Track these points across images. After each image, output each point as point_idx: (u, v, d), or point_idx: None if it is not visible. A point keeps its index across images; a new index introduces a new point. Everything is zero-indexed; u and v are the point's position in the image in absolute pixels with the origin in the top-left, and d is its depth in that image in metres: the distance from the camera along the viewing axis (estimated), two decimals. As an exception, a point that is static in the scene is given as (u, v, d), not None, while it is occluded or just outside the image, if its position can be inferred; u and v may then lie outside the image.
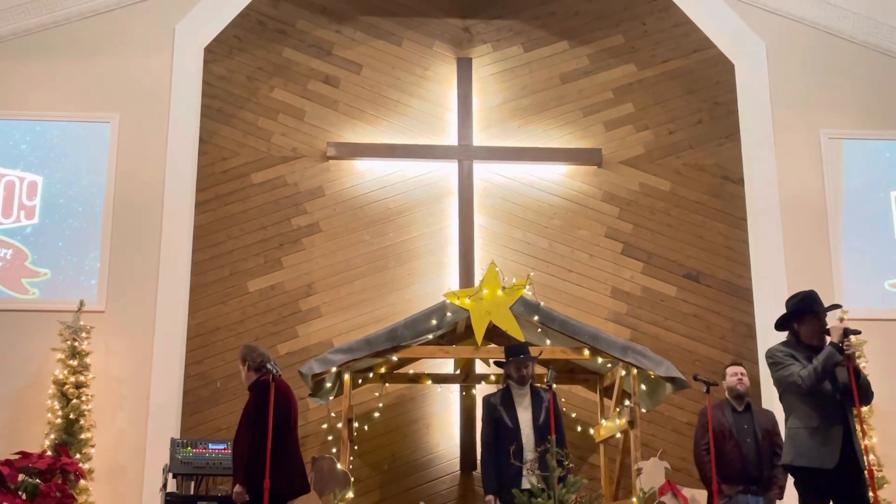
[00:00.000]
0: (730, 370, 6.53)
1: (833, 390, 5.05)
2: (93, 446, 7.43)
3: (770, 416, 6.58)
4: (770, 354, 5.25)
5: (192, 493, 6.65)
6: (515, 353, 6.44)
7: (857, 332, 5.11)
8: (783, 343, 5.29)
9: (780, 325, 5.35)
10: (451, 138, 8.63)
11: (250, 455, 5.46)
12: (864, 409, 7.02)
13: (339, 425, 7.17)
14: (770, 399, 7.64)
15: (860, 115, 8.70)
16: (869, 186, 8.59)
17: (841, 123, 8.68)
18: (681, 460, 7.64)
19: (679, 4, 8.97)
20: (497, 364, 6.74)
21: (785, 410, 5.23)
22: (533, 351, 6.57)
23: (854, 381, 4.99)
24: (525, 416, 6.26)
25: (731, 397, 6.47)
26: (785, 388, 5.16)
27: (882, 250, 8.44)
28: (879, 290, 8.35)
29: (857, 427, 5.07)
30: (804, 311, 5.21)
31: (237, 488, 5.52)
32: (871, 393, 5.23)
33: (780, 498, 6.28)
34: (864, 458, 5.05)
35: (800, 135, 8.63)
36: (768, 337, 6.84)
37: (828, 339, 5.07)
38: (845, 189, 8.55)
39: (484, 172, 8.58)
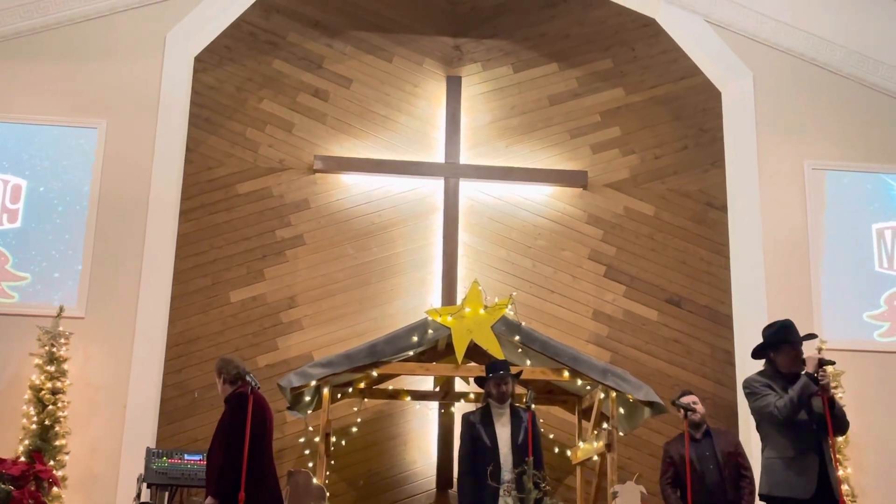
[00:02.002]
0: (683, 400, 6.46)
1: (809, 420, 5.08)
2: (67, 453, 7.37)
3: (730, 437, 6.56)
4: (747, 384, 5.27)
5: (165, 503, 6.60)
6: (495, 370, 6.44)
7: (831, 363, 5.15)
8: (760, 373, 5.31)
9: (757, 354, 5.37)
10: (438, 155, 8.65)
11: (224, 468, 5.42)
12: (840, 439, 7.06)
13: (317, 439, 7.16)
14: (747, 427, 7.68)
15: (844, 148, 8.75)
16: (851, 218, 8.64)
17: (825, 155, 8.73)
18: (657, 484, 7.58)
19: (668, 31, 9.04)
20: (477, 382, 6.73)
21: (762, 440, 5.24)
22: (513, 370, 6.57)
23: (829, 412, 5.03)
24: (504, 435, 6.24)
25: (689, 427, 6.40)
26: (761, 418, 5.19)
27: (862, 282, 8.47)
28: (858, 321, 8.37)
29: (832, 457, 5.10)
30: (780, 341, 5.23)
31: (209, 501, 5.47)
32: (847, 423, 5.25)
33: None
34: (839, 488, 5.07)
35: (784, 164, 8.68)
36: (747, 364, 6.86)
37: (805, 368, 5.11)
38: (827, 220, 8.60)
39: (470, 191, 8.61)
